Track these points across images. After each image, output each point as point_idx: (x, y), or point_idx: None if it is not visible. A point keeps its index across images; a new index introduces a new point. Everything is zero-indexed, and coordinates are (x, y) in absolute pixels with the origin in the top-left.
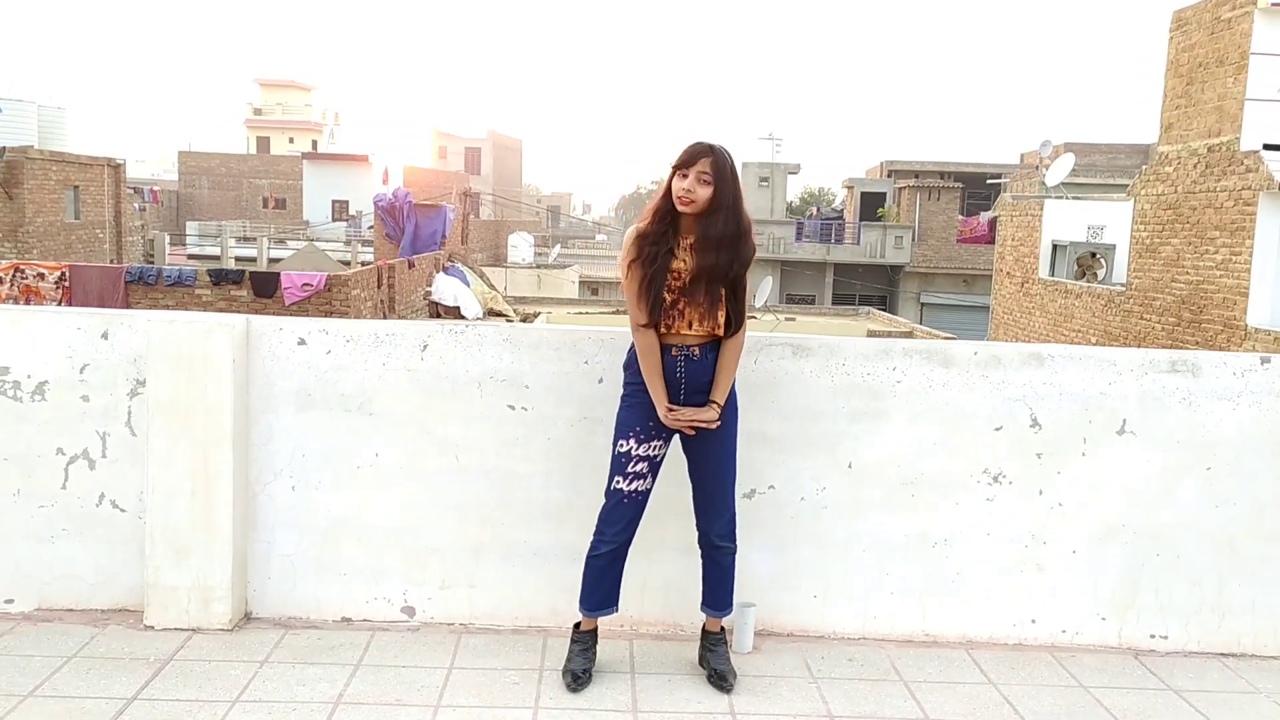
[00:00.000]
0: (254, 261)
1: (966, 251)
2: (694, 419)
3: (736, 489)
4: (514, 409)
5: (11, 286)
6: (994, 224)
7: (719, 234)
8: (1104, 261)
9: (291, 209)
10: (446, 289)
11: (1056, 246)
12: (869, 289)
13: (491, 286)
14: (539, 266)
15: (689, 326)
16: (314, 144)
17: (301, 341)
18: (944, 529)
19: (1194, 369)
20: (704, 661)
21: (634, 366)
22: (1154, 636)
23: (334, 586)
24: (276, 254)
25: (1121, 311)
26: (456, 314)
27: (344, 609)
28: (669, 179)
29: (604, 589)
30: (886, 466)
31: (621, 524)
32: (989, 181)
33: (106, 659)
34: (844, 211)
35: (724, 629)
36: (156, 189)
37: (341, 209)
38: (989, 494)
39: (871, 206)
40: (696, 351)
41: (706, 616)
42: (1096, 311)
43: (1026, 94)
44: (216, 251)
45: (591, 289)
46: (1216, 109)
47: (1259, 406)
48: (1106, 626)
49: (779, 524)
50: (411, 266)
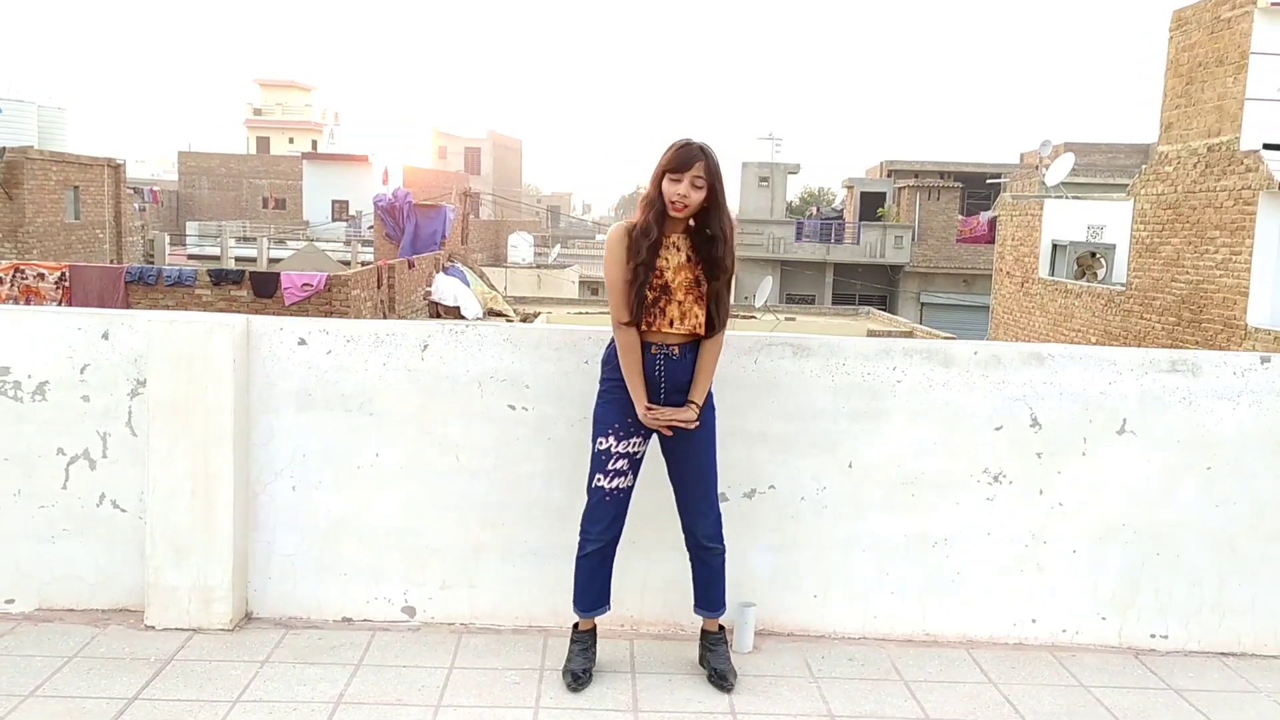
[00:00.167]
0: (254, 262)
1: (966, 251)
2: (672, 419)
3: (737, 489)
4: (514, 409)
5: (11, 287)
6: (994, 224)
7: (708, 235)
8: (1104, 261)
9: (291, 209)
10: (446, 289)
11: (1056, 246)
12: (869, 289)
13: (491, 286)
14: (539, 266)
15: (669, 325)
16: (314, 144)
17: (302, 341)
18: (944, 529)
19: (1194, 368)
20: (704, 661)
21: (613, 361)
22: (1154, 636)
23: (334, 586)
24: (276, 254)
25: (1121, 311)
26: (456, 314)
27: (344, 609)
28: (658, 178)
29: (596, 588)
30: (887, 466)
31: (605, 522)
32: (989, 181)
33: (107, 659)
34: (844, 211)
35: (723, 628)
36: (156, 189)
37: (341, 209)
38: (989, 494)
39: (871, 206)
40: (676, 351)
41: (702, 618)
42: (1096, 311)
43: (1026, 94)
44: (216, 252)
45: (591, 289)
46: (1216, 109)
47: (1259, 406)
48: (1107, 626)
49: (779, 524)
50: (411, 266)
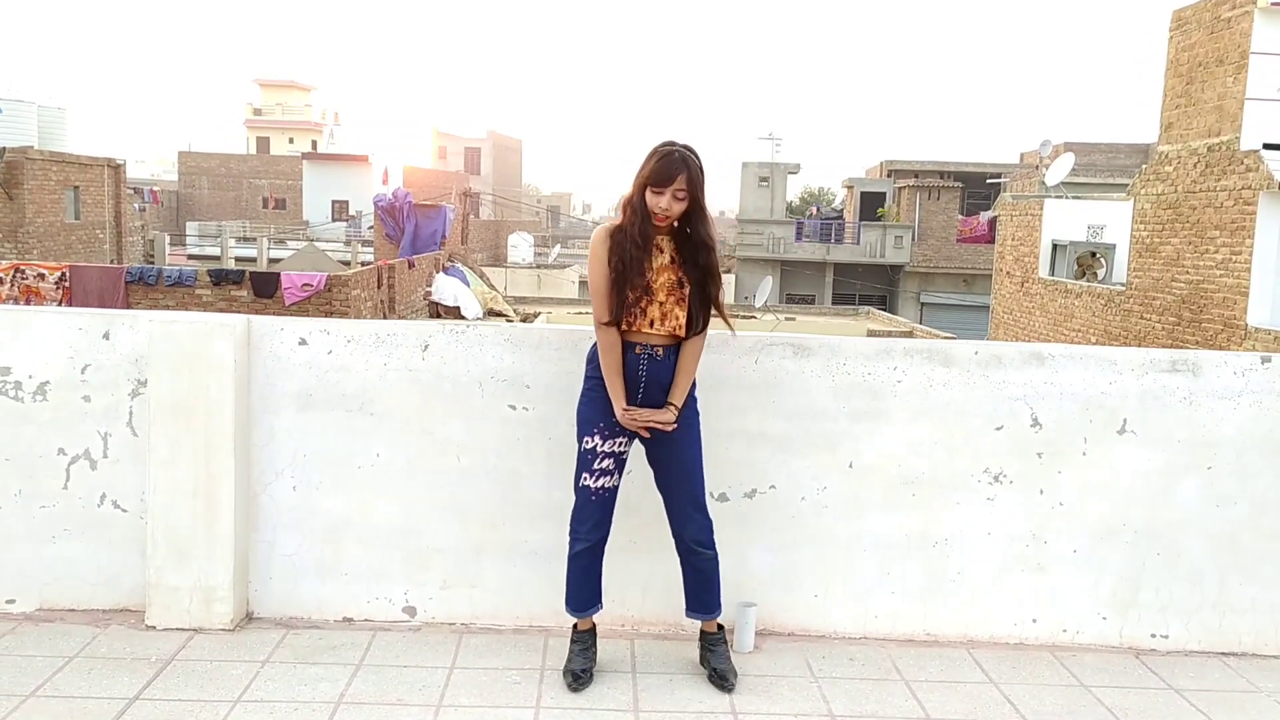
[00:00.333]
0: (254, 262)
1: (966, 251)
2: (650, 420)
3: (737, 489)
4: (515, 409)
5: (11, 287)
6: (994, 224)
7: (691, 239)
8: (1104, 261)
9: (291, 209)
10: (446, 289)
11: (1056, 246)
12: (869, 289)
13: (491, 286)
14: (539, 266)
15: (650, 325)
16: (314, 144)
17: (303, 342)
18: (945, 528)
19: (1194, 368)
20: (705, 661)
21: (596, 360)
22: (1155, 635)
23: (335, 586)
24: (276, 254)
25: (1121, 311)
26: (456, 314)
27: (345, 609)
28: (640, 186)
29: (589, 588)
30: (887, 466)
31: (592, 521)
32: (989, 181)
33: (108, 659)
34: (844, 211)
35: (723, 628)
36: (156, 189)
37: (341, 209)
38: (990, 493)
39: (871, 206)
40: (660, 352)
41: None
42: (1096, 311)
43: (1026, 94)
44: (216, 252)
45: None
46: (1216, 108)
47: (1259, 406)
48: (1107, 626)
49: (780, 524)
50: (411, 267)
